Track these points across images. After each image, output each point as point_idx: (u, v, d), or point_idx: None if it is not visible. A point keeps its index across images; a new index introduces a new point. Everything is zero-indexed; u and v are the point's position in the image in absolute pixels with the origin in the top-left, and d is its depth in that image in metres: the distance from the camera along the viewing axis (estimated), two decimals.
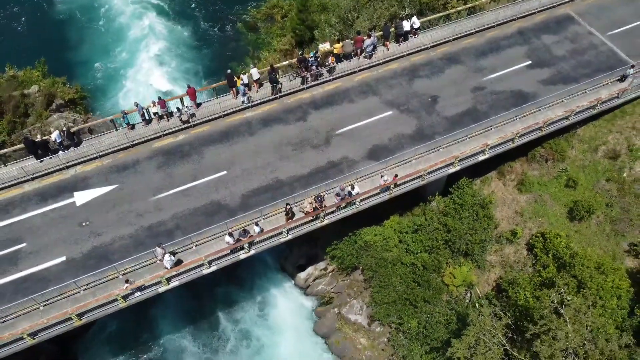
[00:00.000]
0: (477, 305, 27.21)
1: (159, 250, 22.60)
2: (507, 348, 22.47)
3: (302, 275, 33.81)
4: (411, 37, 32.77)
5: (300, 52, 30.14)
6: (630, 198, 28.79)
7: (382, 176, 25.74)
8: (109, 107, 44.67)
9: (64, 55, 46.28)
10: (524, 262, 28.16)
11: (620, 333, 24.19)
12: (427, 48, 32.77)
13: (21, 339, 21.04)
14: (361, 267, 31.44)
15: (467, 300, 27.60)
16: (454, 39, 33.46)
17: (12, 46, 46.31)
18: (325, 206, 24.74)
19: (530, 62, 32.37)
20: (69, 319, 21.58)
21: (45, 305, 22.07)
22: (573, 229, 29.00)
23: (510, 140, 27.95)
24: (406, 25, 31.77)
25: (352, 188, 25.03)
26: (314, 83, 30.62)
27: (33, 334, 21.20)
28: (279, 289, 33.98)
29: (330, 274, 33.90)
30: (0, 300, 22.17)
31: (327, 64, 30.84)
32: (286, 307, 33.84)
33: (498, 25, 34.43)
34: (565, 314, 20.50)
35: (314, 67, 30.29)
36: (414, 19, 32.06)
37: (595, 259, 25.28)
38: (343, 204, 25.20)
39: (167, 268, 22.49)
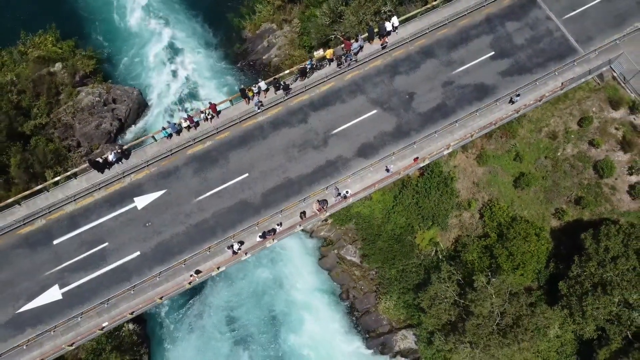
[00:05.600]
0: (440, 257, 37.09)
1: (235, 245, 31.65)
2: (457, 299, 32.77)
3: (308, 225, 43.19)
4: (393, 33, 37.75)
5: (302, 65, 35.57)
6: (560, 173, 37.06)
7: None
8: (123, 70, 49.98)
9: (65, 10, 49.85)
10: (476, 225, 37.38)
11: (538, 283, 34.54)
12: (406, 42, 37.81)
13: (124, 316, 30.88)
14: (354, 224, 40.74)
15: (432, 254, 37.37)
16: (430, 31, 38.18)
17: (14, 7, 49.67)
18: (326, 203, 33.13)
19: (493, 52, 37.53)
20: (154, 300, 31.23)
21: (134, 289, 31.50)
22: (516, 195, 37.68)
23: (470, 136, 35.19)
24: (388, 26, 36.63)
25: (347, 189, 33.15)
26: (312, 84, 36.54)
27: (132, 312, 30.94)
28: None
29: (330, 223, 43.32)
30: (101, 288, 31.50)
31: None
32: (297, 246, 43.98)
33: (469, 12, 38.80)
34: (491, 288, 30.36)
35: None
36: (394, 19, 36.75)
37: (525, 228, 34.36)
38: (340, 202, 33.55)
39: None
